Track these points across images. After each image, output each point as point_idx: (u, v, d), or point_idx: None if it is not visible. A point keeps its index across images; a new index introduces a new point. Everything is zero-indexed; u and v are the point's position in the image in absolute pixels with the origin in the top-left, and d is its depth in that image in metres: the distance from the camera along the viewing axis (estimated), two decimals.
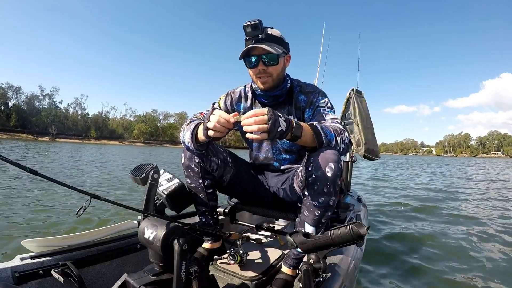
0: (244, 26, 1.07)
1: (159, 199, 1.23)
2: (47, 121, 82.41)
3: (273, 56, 1.11)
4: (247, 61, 1.15)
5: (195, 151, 1.11)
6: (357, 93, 2.41)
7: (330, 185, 0.99)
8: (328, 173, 0.97)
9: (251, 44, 1.08)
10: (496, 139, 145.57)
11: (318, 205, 1.01)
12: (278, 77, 1.18)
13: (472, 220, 3.84)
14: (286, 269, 1.13)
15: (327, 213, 1.03)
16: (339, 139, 1.04)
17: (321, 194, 1.00)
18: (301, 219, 1.07)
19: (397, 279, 2.01)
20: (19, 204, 3.73)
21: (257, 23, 1.06)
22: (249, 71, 1.19)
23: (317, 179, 0.99)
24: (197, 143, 1.05)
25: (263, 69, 1.13)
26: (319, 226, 1.04)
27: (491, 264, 2.29)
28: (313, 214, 1.03)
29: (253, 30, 1.07)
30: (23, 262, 0.95)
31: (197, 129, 1.04)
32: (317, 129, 1.00)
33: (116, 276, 1.07)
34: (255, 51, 1.10)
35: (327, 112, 1.18)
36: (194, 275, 0.90)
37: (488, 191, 7.36)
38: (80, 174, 7.13)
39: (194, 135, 1.05)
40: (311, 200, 1.02)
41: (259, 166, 1.41)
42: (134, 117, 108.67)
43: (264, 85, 1.17)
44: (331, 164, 0.97)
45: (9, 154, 13.06)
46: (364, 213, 2.22)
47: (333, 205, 1.03)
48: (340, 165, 1.01)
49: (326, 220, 1.05)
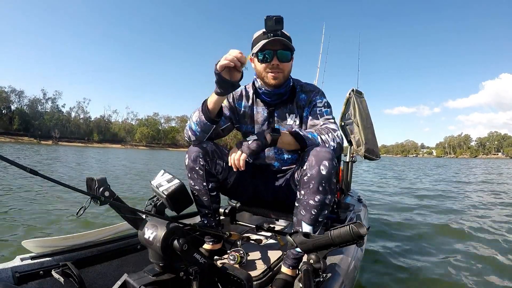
0: (266, 19, 1.06)
1: (159, 200, 1.24)
2: (50, 124, 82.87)
3: (288, 53, 1.14)
4: (260, 55, 1.14)
5: (203, 125, 1.12)
6: (357, 93, 2.41)
7: (325, 183, 0.99)
8: (323, 171, 0.97)
9: (268, 38, 1.09)
10: (496, 139, 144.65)
11: (314, 204, 1.01)
12: (287, 74, 1.20)
13: (474, 220, 3.81)
14: (285, 269, 1.12)
15: (323, 212, 1.03)
16: (325, 138, 1.08)
17: (316, 193, 1.00)
18: (298, 218, 1.06)
19: (397, 279, 2.00)
20: (19, 204, 3.75)
21: (281, 18, 1.06)
22: (259, 66, 1.18)
23: (312, 177, 0.99)
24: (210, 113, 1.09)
25: (277, 64, 1.14)
26: (316, 225, 1.04)
27: (492, 264, 2.27)
28: (310, 213, 1.02)
29: (276, 24, 1.06)
30: (23, 263, 0.95)
31: (207, 100, 1.09)
32: (298, 135, 1.06)
33: (116, 276, 1.07)
34: (272, 45, 1.11)
35: (322, 112, 1.20)
36: (194, 275, 0.91)
37: (493, 192, 7.31)
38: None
39: (205, 105, 1.09)
40: (307, 199, 1.02)
41: (259, 166, 1.41)
42: (136, 120, 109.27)
43: (275, 81, 1.17)
44: (325, 162, 0.98)
45: (21, 158, 13.13)
46: (364, 213, 2.21)
47: (329, 204, 1.03)
48: (335, 162, 1.01)
49: (323, 219, 1.05)
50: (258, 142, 1.03)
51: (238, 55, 0.93)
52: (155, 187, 1.13)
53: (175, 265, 0.92)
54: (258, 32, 1.16)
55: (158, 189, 1.13)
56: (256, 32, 1.17)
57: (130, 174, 8.91)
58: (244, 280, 0.98)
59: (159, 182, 1.14)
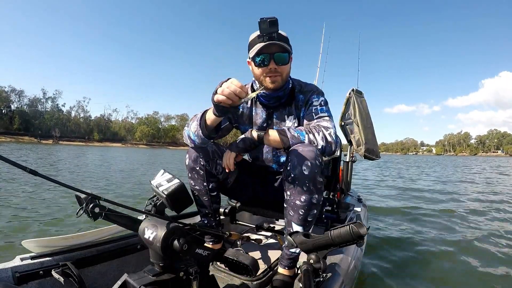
0: (260, 22, 1.01)
1: (159, 199, 1.24)
2: (50, 124, 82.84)
3: (285, 55, 1.11)
4: (257, 60, 1.12)
5: (201, 139, 1.09)
6: (357, 93, 2.40)
7: (309, 183, 0.97)
8: (305, 171, 0.96)
9: (264, 42, 1.06)
10: (495, 137, 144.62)
11: (300, 204, 1.00)
12: (286, 76, 1.18)
13: (475, 220, 3.81)
14: (282, 269, 1.12)
15: (312, 212, 1.02)
16: (312, 137, 1.02)
17: (301, 193, 0.98)
18: (288, 219, 1.06)
19: (398, 279, 2.00)
20: (19, 204, 3.75)
21: (275, 19, 1.01)
22: (256, 70, 1.16)
23: (295, 177, 0.98)
24: (207, 129, 1.04)
25: (274, 68, 1.11)
26: (306, 225, 1.03)
27: (493, 264, 2.27)
28: (298, 214, 1.01)
29: (270, 26, 1.02)
30: (23, 262, 0.95)
31: (206, 114, 1.04)
32: (283, 132, 1.04)
33: (116, 276, 1.07)
34: (268, 49, 1.08)
35: (318, 111, 1.16)
36: (194, 275, 0.91)
37: (493, 191, 7.31)
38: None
39: (203, 120, 1.04)
40: (293, 199, 1.01)
41: (259, 167, 1.41)
42: (136, 119, 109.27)
43: (274, 84, 1.15)
44: (307, 161, 0.96)
45: (26, 161, 13.12)
46: (364, 213, 2.21)
47: (317, 203, 1.02)
48: (318, 161, 0.98)
49: (312, 219, 1.04)
50: (245, 140, 1.08)
51: (237, 89, 0.87)
52: (155, 186, 1.13)
53: (175, 265, 0.92)
54: (253, 34, 1.12)
55: (158, 188, 1.13)
56: (252, 35, 1.13)
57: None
58: (250, 266, 1.00)
59: (159, 182, 1.14)
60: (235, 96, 0.87)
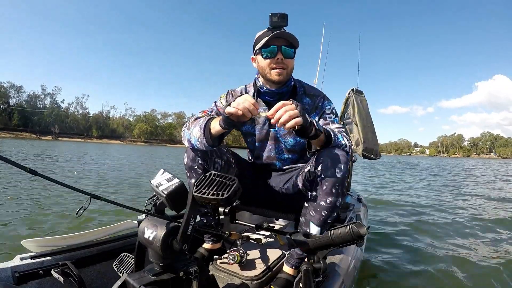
0: (271, 15, 1.07)
1: (159, 199, 1.23)
2: (49, 120, 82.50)
3: (291, 50, 1.14)
4: (265, 51, 1.13)
5: (204, 147, 1.06)
6: (357, 92, 2.40)
7: (339, 186, 0.99)
8: (338, 174, 0.98)
9: (273, 33, 1.08)
10: (488, 140, 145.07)
11: (325, 206, 1.01)
12: (291, 71, 1.19)
13: (475, 221, 3.83)
14: (288, 268, 1.12)
15: (333, 214, 1.03)
16: (344, 142, 1.06)
17: (329, 195, 1.00)
18: (306, 219, 1.06)
19: (398, 279, 2.01)
20: (19, 204, 3.74)
21: (285, 14, 1.06)
22: (262, 63, 1.16)
23: (326, 179, 0.99)
24: (211, 138, 1.03)
25: (281, 59, 1.13)
26: (324, 226, 1.04)
27: (493, 264, 2.28)
28: (320, 215, 1.02)
29: (280, 20, 1.07)
30: (23, 262, 0.95)
31: (210, 122, 1.04)
32: (327, 131, 1.03)
33: (116, 276, 1.07)
34: (277, 41, 1.10)
35: (333, 120, 1.21)
36: (194, 275, 0.91)
37: (493, 191, 7.34)
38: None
39: (207, 129, 1.03)
40: (319, 200, 1.02)
41: (261, 165, 1.40)
42: (134, 116, 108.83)
43: (279, 77, 1.16)
44: (340, 165, 0.98)
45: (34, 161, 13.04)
46: (364, 213, 2.22)
47: (339, 206, 1.03)
48: (348, 166, 1.01)
49: (331, 221, 1.05)
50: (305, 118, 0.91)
51: (251, 106, 0.89)
52: (155, 186, 1.12)
53: (175, 265, 0.92)
54: (261, 31, 1.16)
55: (157, 188, 1.12)
56: (259, 32, 1.17)
57: None
58: None
59: (158, 181, 1.13)
60: (248, 112, 0.89)
